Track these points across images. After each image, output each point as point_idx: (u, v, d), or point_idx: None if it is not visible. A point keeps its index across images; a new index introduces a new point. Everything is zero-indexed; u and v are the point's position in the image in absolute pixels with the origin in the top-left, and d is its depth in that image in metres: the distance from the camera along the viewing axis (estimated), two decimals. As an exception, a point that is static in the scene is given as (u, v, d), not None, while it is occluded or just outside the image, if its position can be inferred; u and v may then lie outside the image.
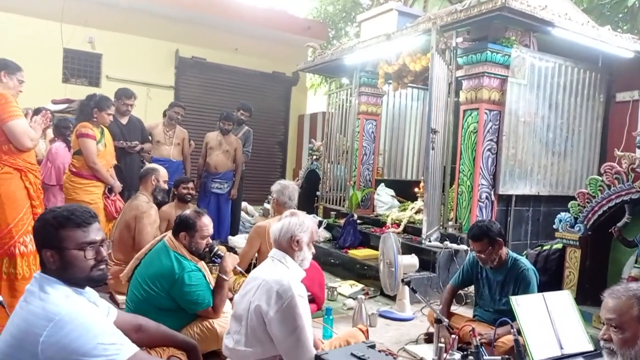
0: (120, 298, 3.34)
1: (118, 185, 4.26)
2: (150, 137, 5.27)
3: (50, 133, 5.43)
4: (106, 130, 4.31)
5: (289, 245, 2.22)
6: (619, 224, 3.64)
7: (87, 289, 1.68)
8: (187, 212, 2.85)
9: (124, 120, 4.95)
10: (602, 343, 1.50)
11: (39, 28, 7.79)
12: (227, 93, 9.41)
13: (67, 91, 7.67)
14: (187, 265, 2.67)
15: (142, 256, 2.80)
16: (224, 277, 2.79)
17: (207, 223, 2.79)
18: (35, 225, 1.66)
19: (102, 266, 1.66)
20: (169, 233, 2.82)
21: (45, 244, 1.59)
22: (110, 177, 4.18)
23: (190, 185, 4.51)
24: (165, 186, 4.06)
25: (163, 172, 4.05)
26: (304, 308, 2.07)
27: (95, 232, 1.65)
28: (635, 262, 3.58)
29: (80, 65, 8.42)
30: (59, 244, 1.58)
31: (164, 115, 5.64)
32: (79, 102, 5.61)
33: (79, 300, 1.59)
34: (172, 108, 5.50)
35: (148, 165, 4.38)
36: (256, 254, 3.65)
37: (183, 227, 2.76)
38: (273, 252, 2.26)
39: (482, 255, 3.00)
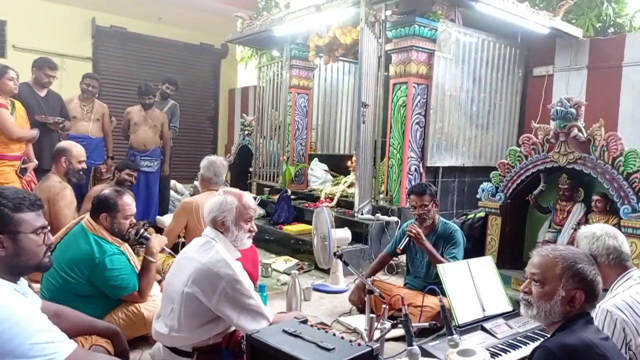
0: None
1: (34, 163, 3.90)
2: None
3: None
4: (18, 104, 3.92)
5: (221, 225, 2.17)
6: (535, 192, 3.89)
7: (21, 279, 1.56)
8: (106, 191, 2.65)
9: (42, 93, 4.54)
10: (522, 295, 1.61)
11: None
12: (151, 65, 8.88)
13: (-33, 62, 6.89)
14: (109, 249, 2.51)
15: (58, 241, 2.59)
16: (150, 259, 2.67)
17: (129, 202, 2.63)
18: None
19: (49, 253, 1.61)
20: (87, 215, 2.63)
21: None
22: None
23: (136, 174, 4.20)
24: (82, 166, 3.67)
25: (76, 152, 3.61)
26: (245, 281, 2.06)
27: (43, 218, 1.60)
28: (549, 227, 3.86)
29: (-19, 34, 7.58)
30: (14, 227, 1.48)
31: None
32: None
33: (13, 294, 1.44)
34: (83, 80, 5.08)
35: (60, 143, 3.85)
36: (183, 231, 3.52)
37: (103, 207, 2.58)
38: (207, 230, 2.20)
39: (422, 211, 3.18)
